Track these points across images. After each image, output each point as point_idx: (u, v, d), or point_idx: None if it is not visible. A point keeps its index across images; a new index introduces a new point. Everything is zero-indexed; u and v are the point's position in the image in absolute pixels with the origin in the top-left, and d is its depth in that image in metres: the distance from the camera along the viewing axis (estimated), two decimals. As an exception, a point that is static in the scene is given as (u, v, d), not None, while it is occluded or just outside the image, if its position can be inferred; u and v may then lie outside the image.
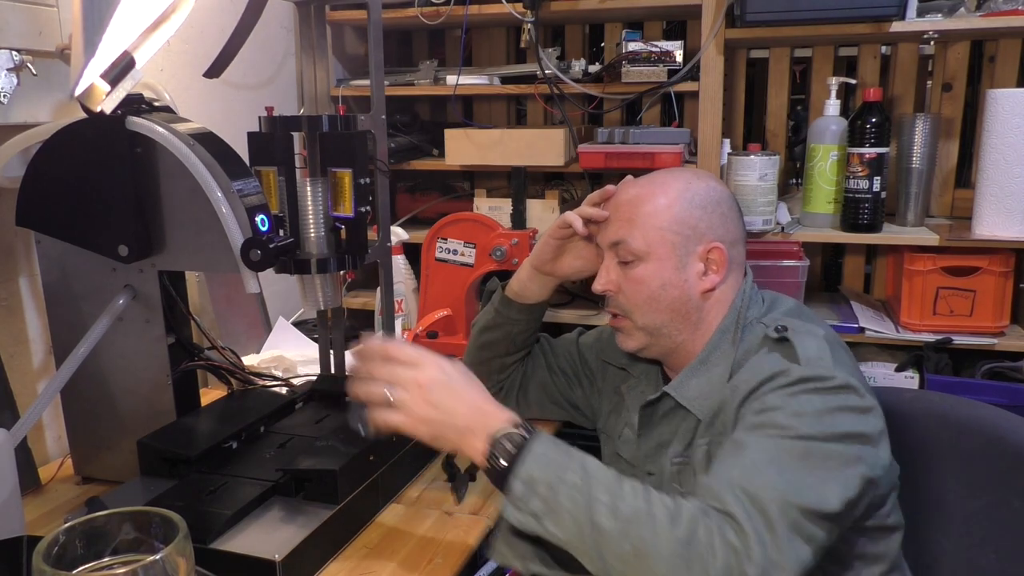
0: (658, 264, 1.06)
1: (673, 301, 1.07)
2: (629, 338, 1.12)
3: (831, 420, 0.90)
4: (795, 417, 0.90)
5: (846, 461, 0.88)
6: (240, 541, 0.94)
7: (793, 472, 0.86)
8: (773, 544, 0.80)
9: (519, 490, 0.83)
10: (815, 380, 0.93)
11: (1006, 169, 1.58)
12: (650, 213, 1.07)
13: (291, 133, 1.14)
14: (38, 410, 1.03)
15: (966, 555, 1.15)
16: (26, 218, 1.10)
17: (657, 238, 1.06)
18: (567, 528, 0.81)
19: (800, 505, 0.83)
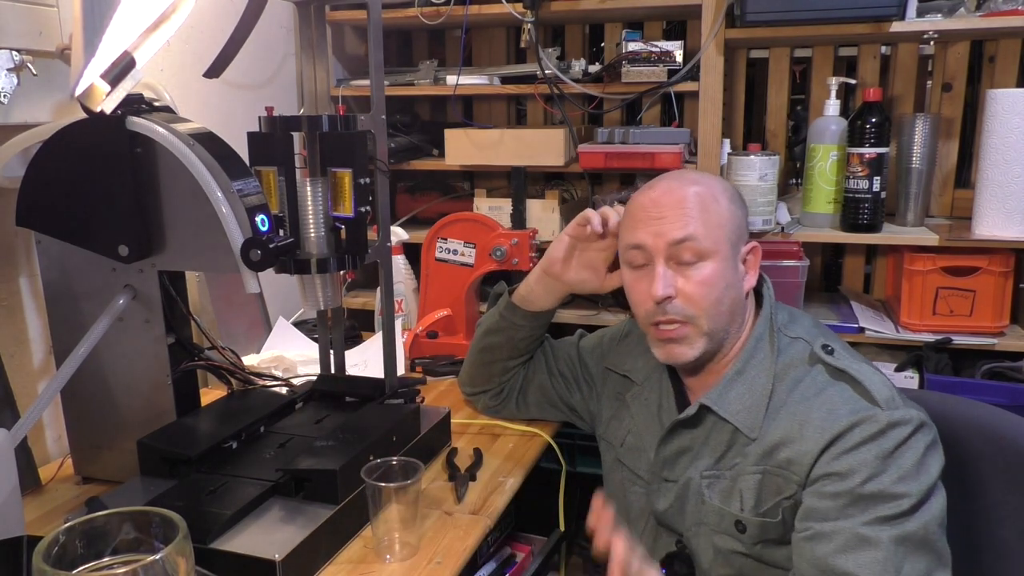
0: (723, 264, 1.03)
1: (733, 302, 1.05)
2: (689, 347, 1.04)
3: (926, 470, 0.94)
4: (901, 483, 0.92)
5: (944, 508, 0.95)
6: (240, 541, 0.94)
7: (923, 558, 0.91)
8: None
9: None
10: (901, 425, 0.94)
11: (1006, 169, 1.58)
12: (714, 210, 1.03)
13: (291, 133, 1.14)
14: (38, 410, 1.03)
15: (966, 555, 1.15)
16: (26, 218, 1.10)
17: (722, 236, 1.03)
18: None
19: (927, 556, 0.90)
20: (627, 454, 1.17)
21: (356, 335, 1.84)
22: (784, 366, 1.03)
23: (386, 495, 0.98)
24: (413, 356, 1.70)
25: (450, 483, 1.20)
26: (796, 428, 0.98)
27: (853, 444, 0.94)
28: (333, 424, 1.21)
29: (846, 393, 0.98)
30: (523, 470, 1.25)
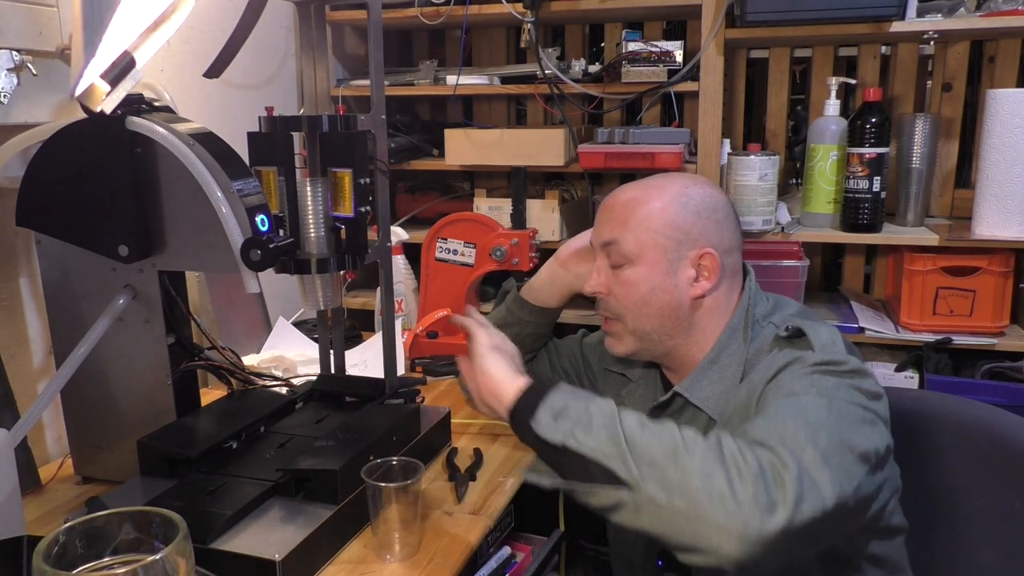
0: (648, 268, 1.06)
1: (663, 306, 1.06)
2: (619, 342, 1.12)
3: (847, 394, 0.91)
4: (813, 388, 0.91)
5: (866, 421, 0.89)
6: (240, 541, 0.94)
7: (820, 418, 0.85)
8: (808, 460, 0.79)
9: (557, 405, 0.87)
10: (830, 364, 0.94)
11: (1006, 169, 1.58)
12: (644, 216, 1.06)
13: (291, 133, 1.14)
14: (38, 410, 1.03)
15: (966, 555, 1.16)
16: (26, 218, 1.10)
17: (649, 241, 1.06)
18: (598, 436, 0.83)
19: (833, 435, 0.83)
20: None
21: (356, 335, 1.84)
22: (755, 353, 1.05)
23: (386, 495, 0.98)
24: (413, 356, 1.70)
25: (450, 483, 1.20)
26: (744, 394, 1.00)
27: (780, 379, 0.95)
28: (333, 424, 1.21)
29: (788, 351, 1.00)
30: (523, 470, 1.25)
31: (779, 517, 0.74)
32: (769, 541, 0.74)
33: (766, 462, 0.78)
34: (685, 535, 0.77)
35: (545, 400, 0.87)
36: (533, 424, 0.87)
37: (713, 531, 0.75)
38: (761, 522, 0.74)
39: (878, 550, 0.99)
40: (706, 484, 0.76)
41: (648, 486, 0.78)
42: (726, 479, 0.76)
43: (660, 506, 0.77)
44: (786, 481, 0.76)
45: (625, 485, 0.79)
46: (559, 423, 0.85)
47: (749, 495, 0.74)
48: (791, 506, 0.74)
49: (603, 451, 0.81)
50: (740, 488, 0.75)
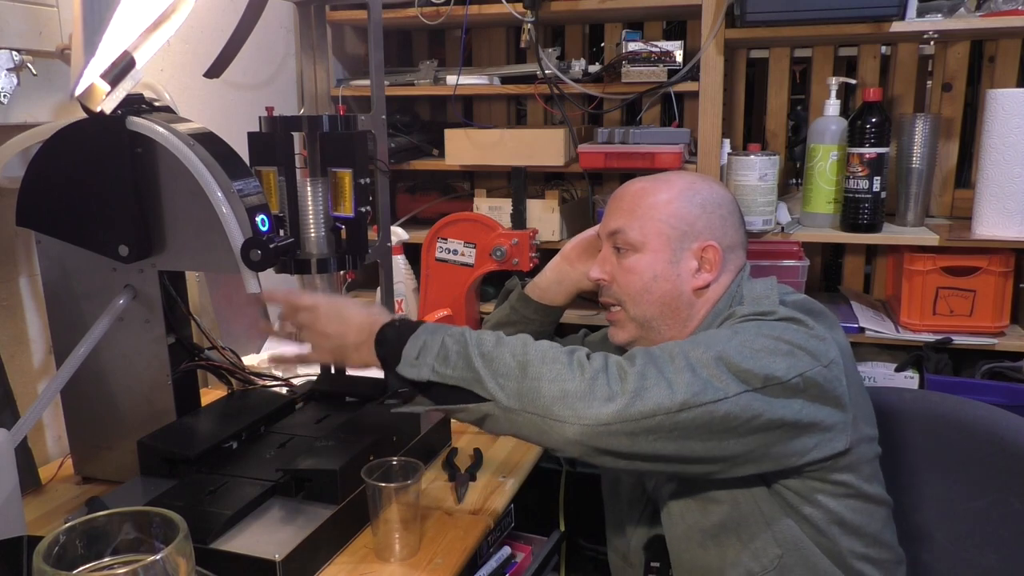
0: (652, 256, 1.08)
1: (664, 294, 1.08)
2: (621, 330, 1.13)
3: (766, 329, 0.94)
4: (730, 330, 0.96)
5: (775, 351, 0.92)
6: (240, 541, 0.94)
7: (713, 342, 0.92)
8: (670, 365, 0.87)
9: (412, 352, 0.93)
10: (757, 314, 0.98)
11: (1006, 169, 1.58)
12: (650, 206, 1.09)
13: (291, 133, 1.14)
14: (38, 410, 1.03)
15: (966, 555, 1.16)
16: (26, 218, 1.10)
17: (653, 230, 1.08)
18: (457, 366, 0.90)
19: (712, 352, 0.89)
20: None
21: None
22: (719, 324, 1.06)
23: (386, 495, 0.98)
24: (413, 356, 1.70)
25: (450, 483, 1.20)
26: None
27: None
28: (333, 424, 1.21)
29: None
30: (523, 470, 1.25)
31: (613, 406, 0.84)
32: (605, 427, 0.83)
33: (613, 362, 0.88)
34: (542, 436, 0.87)
35: (405, 348, 0.93)
36: (399, 369, 0.93)
37: (558, 425, 0.85)
38: (597, 409, 0.84)
39: (852, 519, 0.99)
40: (552, 387, 0.86)
41: (504, 398, 0.87)
42: (569, 378, 0.86)
43: (517, 413, 0.87)
44: (628, 375, 0.86)
45: (486, 401, 0.89)
46: (421, 361, 0.92)
47: (586, 388, 0.85)
48: (629, 396, 0.84)
49: (463, 377, 0.90)
50: (580, 384, 0.85)
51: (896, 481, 1.19)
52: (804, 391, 0.92)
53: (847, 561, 0.99)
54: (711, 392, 0.86)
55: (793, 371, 0.91)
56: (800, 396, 0.91)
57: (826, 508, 0.98)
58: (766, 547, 0.98)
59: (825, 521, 0.98)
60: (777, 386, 0.89)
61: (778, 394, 0.90)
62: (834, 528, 0.98)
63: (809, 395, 0.92)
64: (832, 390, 0.94)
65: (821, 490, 0.98)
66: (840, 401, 0.95)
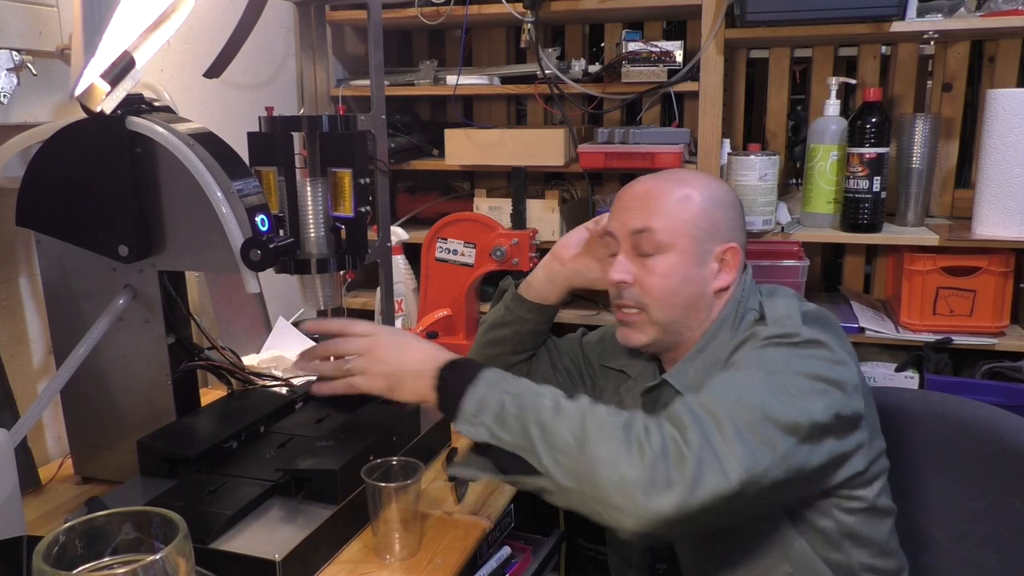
0: (680, 257, 1.05)
1: (690, 296, 1.06)
2: (640, 332, 1.09)
3: (795, 365, 0.92)
4: (758, 363, 0.92)
5: (811, 391, 0.90)
6: (240, 541, 0.94)
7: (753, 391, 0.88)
8: (719, 436, 0.82)
9: (471, 408, 0.89)
10: (782, 336, 0.95)
11: (1006, 169, 1.58)
12: (677, 204, 1.06)
13: (291, 133, 1.14)
14: (38, 410, 1.03)
15: (966, 555, 1.16)
16: (26, 218, 1.10)
17: (682, 231, 1.05)
18: (514, 431, 0.86)
19: (756, 409, 0.85)
20: None
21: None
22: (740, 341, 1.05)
23: (386, 495, 0.98)
24: (413, 356, 1.70)
25: (450, 483, 1.19)
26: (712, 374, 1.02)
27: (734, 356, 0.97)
28: (333, 424, 1.21)
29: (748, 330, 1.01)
30: (523, 470, 1.25)
31: (673, 497, 0.79)
32: (666, 520, 0.79)
33: (670, 440, 0.82)
34: (599, 518, 0.83)
35: (465, 397, 0.90)
36: (457, 426, 0.91)
37: (616, 512, 0.80)
38: (657, 503, 0.79)
39: (863, 530, 0.99)
40: (609, 472, 0.80)
41: (560, 475, 0.83)
42: (628, 463, 0.80)
43: (573, 492, 0.83)
44: (686, 461, 0.80)
45: (541, 474, 0.85)
46: (479, 419, 0.89)
47: (646, 477, 0.79)
48: (687, 486, 0.79)
49: (519, 444, 0.86)
50: (640, 471, 0.79)
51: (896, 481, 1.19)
52: (836, 429, 0.91)
53: (856, 574, 0.99)
54: (762, 460, 0.83)
55: (829, 411, 0.90)
56: (832, 435, 0.91)
57: (840, 522, 0.98)
58: (777, 564, 0.98)
59: (838, 534, 0.98)
60: (817, 430, 0.88)
61: (817, 438, 0.89)
62: (846, 541, 0.99)
63: (840, 431, 0.92)
64: (855, 417, 0.94)
65: (837, 506, 0.98)
66: (859, 424, 0.95)
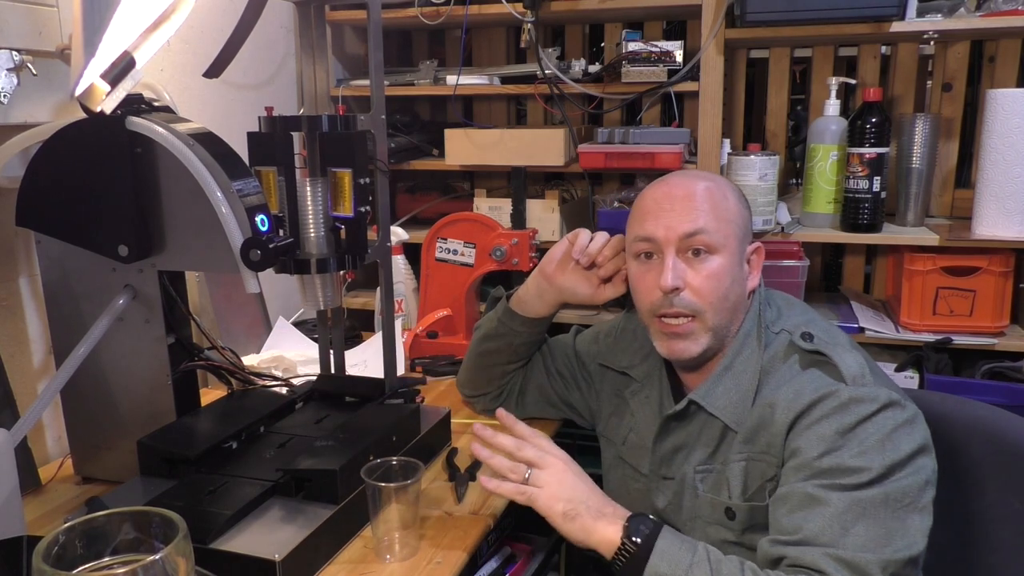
0: (731, 259, 1.04)
1: (737, 299, 1.05)
2: (694, 343, 1.04)
3: (893, 446, 0.92)
4: (860, 457, 0.91)
5: (919, 489, 0.91)
6: (240, 541, 0.94)
7: (880, 525, 0.88)
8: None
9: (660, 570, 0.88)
10: (865, 402, 0.94)
11: (1006, 169, 1.58)
12: (723, 205, 1.04)
13: (291, 133, 1.14)
14: (38, 410, 1.03)
15: (968, 556, 1.15)
16: (26, 218, 1.10)
17: (729, 231, 1.04)
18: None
19: (895, 559, 0.86)
20: (629, 452, 1.17)
21: (356, 335, 1.84)
22: (770, 359, 1.04)
23: (386, 495, 0.98)
24: (413, 356, 1.70)
25: (450, 483, 1.20)
26: (768, 412, 1.00)
27: (814, 420, 0.95)
28: (333, 424, 1.21)
29: (815, 374, 0.99)
30: (523, 470, 1.25)
31: None
32: None
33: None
34: None
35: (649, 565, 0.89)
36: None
37: None
38: None
39: None
40: None
41: None
42: None
43: None
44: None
45: None
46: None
47: None
48: None
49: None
50: None
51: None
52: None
53: None
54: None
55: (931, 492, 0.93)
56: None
57: None
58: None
59: None
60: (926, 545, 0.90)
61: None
62: None
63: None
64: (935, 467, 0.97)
65: None
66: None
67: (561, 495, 0.96)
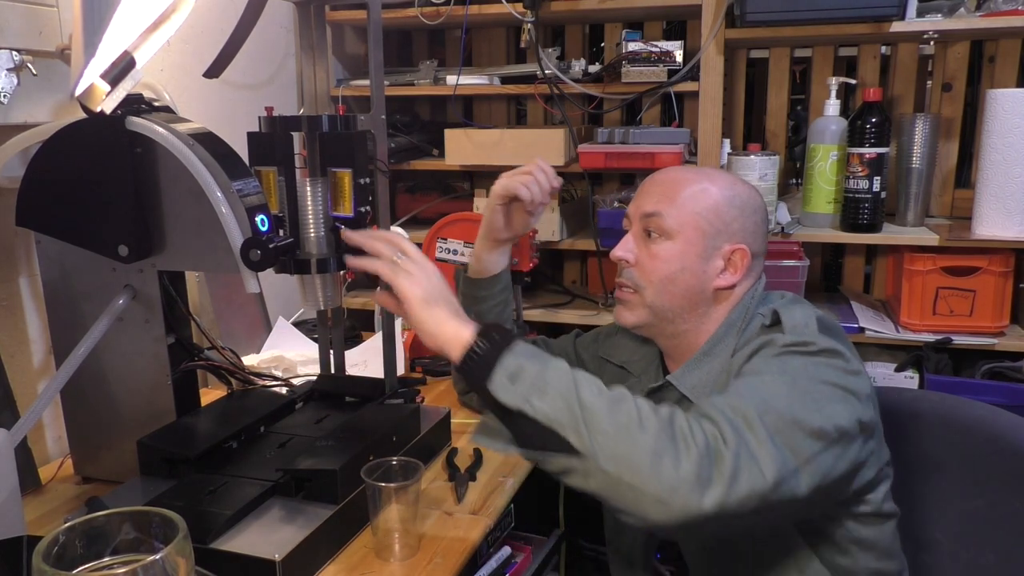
0: (684, 247, 1.07)
1: (687, 288, 1.07)
2: (630, 312, 1.11)
3: (814, 372, 0.92)
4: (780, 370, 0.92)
5: (834, 398, 0.90)
6: (240, 541, 0.94)
7: (779, 397, 0.88)
8: (752, 437, 0.82)
9: (510, 368, 0.85)
10: (799, 344, 0.95)
11: (1006, 169, 1.58)
12: (692, 196, 1.08)
13: (291, 133, 1.14)
14: (38, 410, 1.03)
15: (967, 556, 1.16)
16: (26, 218, 1.10)
17: (691, 221, 1.06)
18: (554, 404, 0.82)
19: (785, 414, 0.86)
20: None
21: (356, 335, 1.84)
22: (744, 343, 1.05)
23: (386, 495, 0.98)
24: (413, 356, 1.70)
25: (450, 483, 1.20)
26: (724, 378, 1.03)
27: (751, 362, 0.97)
28: (333, 424, 1.21)
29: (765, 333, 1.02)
30: (523, 470, 1.25)
31: (714, 493, 0.78)
32: (703, 516, 0.78)
33: (711, 437, 0.82)
34: (626, 501, 0.81)
35: (501, 361, 0.86)
36: (489, 386, 0.85)
37: (652, 502, 0.79)
38: (698, 498, 0.78)
39: (868, 534, 0.99)
40: (654, 461, 0.79)
41: (599, 457, 0.80)
42: (673, 457, 0.79)
43: (608, 475, 0.80)
44: (725, 457, 0.80)
45: (577, 453, 0.81)
46: (515, 386, 0.84)
47: (692, 472, 0.78)
48: (726, 483, 0.78)
49: (558, 420, 0.82)
50: (685, 465, 0.79)
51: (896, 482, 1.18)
52: (856, 436, 0.91)
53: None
54: (790, 464, 0.83)
55: (852, 418, 0.90)
56: (855, 442, 0.91)
57: (848, 529, 0.98)
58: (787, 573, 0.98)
59: (847, 541, 0.99)
60: (842, 436, 0.89)
61: (842, 445, 0.89)
62: (853, 547, 0.99)
63: (861, 439, 0.92)
64: (872, 426, 0.94)
65: (847, 513, 0.98)
66: (874, 433, 0.96)
67: (426, 284, 0.95)
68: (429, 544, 1.04)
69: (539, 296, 2.06)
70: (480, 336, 0.89)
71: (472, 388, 0.89)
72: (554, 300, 2.02)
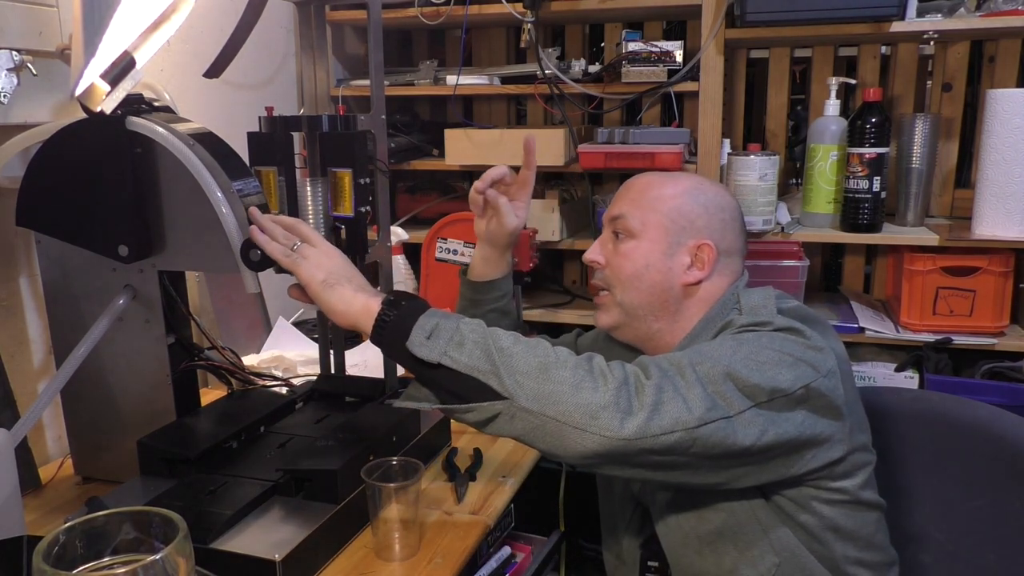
0: (648, 245, 1.09)
1: (653, 284, 1.09)
2: (606, 313, 1.14)
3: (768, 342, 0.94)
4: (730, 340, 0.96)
5: (779, 363, 0.92)
6: (240, 541, 0.94)
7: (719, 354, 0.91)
8: (682, 381, 0.86)
9: (427, 327, 0.88)
10: (755, 324, 0.98)
11: (1006, 169, 1.58)
12: (655, 197, 1.11)
13: (291, 133, 1.14)
14: (38, 410, 1.03)
15: (966, 555, 1.16)
16: (26, 218, 1.10)
17: (654, 221, 1.10)
18: (472, 353, 0.86)
19: (719, 366, 0.89)
20: None
21: (356, 335, 1.84)
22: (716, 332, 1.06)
23: (386, 495, 0.99)
24: (413, 356, 1.70)
25: (450, 483, 1.20)
26: None
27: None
28: (333, 424, 1.21)
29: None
30: (523, 470, 1.25)
31: (635, 420, 0.82)
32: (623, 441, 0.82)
33: (631, 374, 0.86)
34: (552, 440, 0.84)
35: (418, 321, 0.89)
36: (408, 345, 0.88)
37: (576, 434, 0.82)
38: (618, 424, 0.82)
39: (846, 523, 0.99)
40: (573, 392, 0.83)
41: (520, 396, 0.84)
42: (592, 387, 0.83)
43: (531, 413, 0.84)
44: (646, 389, 0.84)
45: (500, 397, 0.84)
46: (433, 342, 0.87)
47: (611, 399, 0.82)
48: (648, 411, 0.82)
49: (478, 367, 0.86)
50: (602, 393, 0.83)
51: (895, 481, 1.19)
52: (807, 402, 0.92)
53: (841, 567, 0.99)
54: (719, 410, 0.85)
55: (798, 383, 0.91)
56: (803, 407, 0.92)
57: (821, 515, 0.98)
58: (763, 555, 0.98)
59: (820, 528, 0.98)
60: (782, 399, 0.90)
61: (782, 407, 0.90)
62: (828, 534, 0.99)
63: (811, 406, 0.92)
64: (832, 401, 0.94)
65: (816, 497, 0.98)
66: (839, 411, 0.95)
67: (325, 266, 0.96)
68: (429, 544, 1.04)
69: (539, 296, 2.06)
70: (388, 304, 0.92)
71: (390, 354, 0.93)
72: (554, 300, 2.03)
